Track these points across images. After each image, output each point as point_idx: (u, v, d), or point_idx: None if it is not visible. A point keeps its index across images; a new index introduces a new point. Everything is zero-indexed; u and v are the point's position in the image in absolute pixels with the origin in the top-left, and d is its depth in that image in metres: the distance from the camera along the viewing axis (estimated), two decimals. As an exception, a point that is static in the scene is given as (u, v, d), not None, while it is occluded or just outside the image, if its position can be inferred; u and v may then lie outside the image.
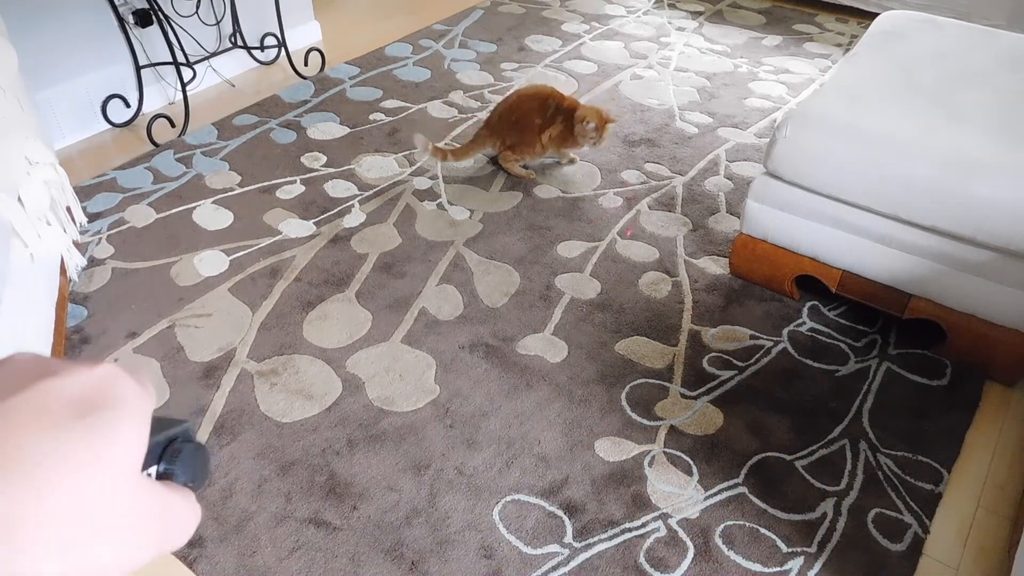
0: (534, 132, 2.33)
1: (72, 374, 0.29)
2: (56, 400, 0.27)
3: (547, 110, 2.33)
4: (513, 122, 2.33)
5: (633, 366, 1.74)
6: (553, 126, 2.33)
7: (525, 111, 2.33)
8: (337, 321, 1.85)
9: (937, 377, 1.74)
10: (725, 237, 2.15)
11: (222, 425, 1.58)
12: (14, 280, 1.44)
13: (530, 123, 2.32)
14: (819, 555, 1.37)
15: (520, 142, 2.35)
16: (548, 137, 2.34)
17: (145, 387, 0.31)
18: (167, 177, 2.37)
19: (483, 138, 2.38)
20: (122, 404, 0.29)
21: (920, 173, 1.58)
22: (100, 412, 0.28)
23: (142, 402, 0.30)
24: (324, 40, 3.33)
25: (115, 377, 0.30)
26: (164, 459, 0.32)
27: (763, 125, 2.71)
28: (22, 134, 1.67)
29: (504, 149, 2.37)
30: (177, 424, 0.34)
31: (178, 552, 1.35)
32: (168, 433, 0.33)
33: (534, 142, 2.35)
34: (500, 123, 2.35)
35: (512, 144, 2.35)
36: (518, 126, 2.33)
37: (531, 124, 2.32)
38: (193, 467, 0.33)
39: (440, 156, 2.39)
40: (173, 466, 0.32)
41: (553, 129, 2.33)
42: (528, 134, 2.33)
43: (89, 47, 2.52)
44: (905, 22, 2.15)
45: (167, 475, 0.32)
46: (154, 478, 0.32)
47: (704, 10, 3.68)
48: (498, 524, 1.40)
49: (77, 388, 0.28)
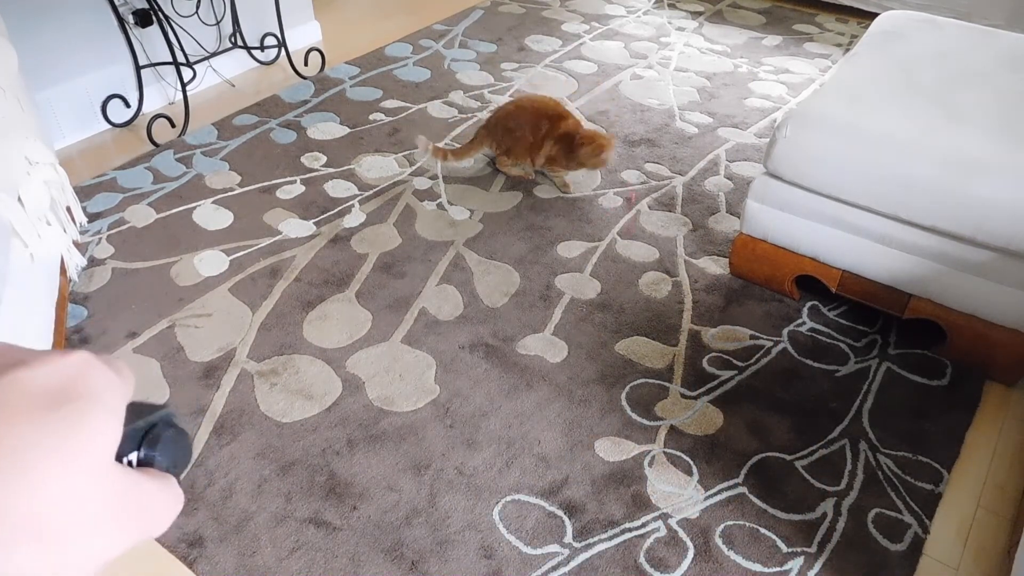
0: (526, 145, 2.30)
1: (43, 364, 0.28)
2: (27, 391, 0.27)
3: (539, 130, 2.26)
4: (509, 129, 2.31)
5: (633, 366, 1.74)
6: (543, 149, 2.27)
7: (521, 122, 2.29)
8: (337, 321, 1.85)
9: (937, 377, 1.74)
10: (725, 237, 2.15)
11: (222, 425, 1.58)
12: (14, 280, 1.44)
13: (523, 136, 2.29)
14: (819, 555, 1.37)
15: (514, 150, 2.33)
16: (541, 160, 2.30)
17: (120, 373, 0.31)
18: (167, 177, 2.37)
19: (481, 138, 2.37)
20: (95, 394, 0.28)
21: (920, 173, 1.58)
22: (73, 403, 0.27)
23: (116, 390, 0.30)
24: (324, 40, 3.33)
25: (88, 365, 0.29)
26: (144, 445, 0.32)
27: (763, 125, 2.71)
28: (22, 134, 1.67)
29: (500, 153, 2.37)
30: (157, 409, 0.34)
31: (178, 552, 1.35)
32: (148, 419, 0.33)
33: (526, 154, 2.32)
34: (497, 127, 2.33)
35: (507, 150, 2.35)
36: (513, 135, 2.31)
37: (524, 138, 2.29)
38: (174, 452, 0.33)
39: (440, 156, 2.39)
40: (153, 452, 0.32)
41: (544, 152, 2.27)
42: (521, 145, 2.31)
43: (89, 47, 2.52)
44: (905, 22, 2.15)
45: (148, 461, 0.32)
46: (134, 464, 0.32)
47: (704, 10, 3.68)
48: (498, 524, 1.40)
49: (48, 378, 0.28)
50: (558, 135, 2.25)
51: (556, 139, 2.25)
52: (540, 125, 2.27)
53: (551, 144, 2.26)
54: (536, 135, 2.28)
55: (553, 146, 2.26)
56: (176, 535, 1.37)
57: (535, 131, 2.28)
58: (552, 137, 2.26)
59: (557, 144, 2.25)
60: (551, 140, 2.26)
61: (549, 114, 2.29)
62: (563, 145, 2.24)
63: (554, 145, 2.26)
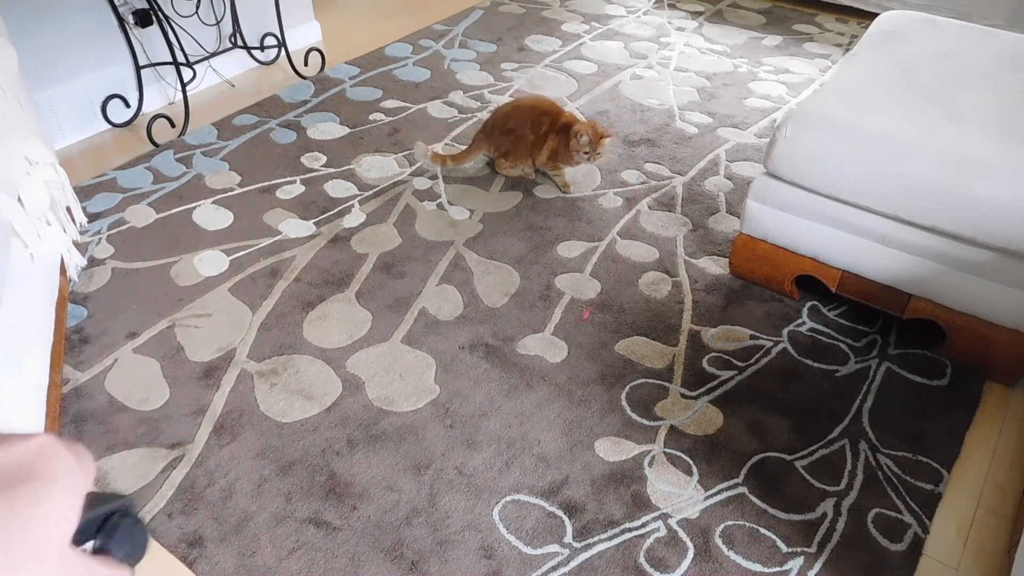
0: (527, 145, 2.31)
1: (4, 445, 0.28)
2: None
3: (541, 126, 2.28)
4: (508, 130, 2.31)
5: (633, 366, 1.74)
6: (547, 144, 2.28)
7: (520, 121, 2.30)
8: (337, 321, 1.85)
9: (937, 377, 1.73)
10: (725, 237, 2.15)
11: (222, 425, 1.58)
12: (14, 280, 1.44)
13: (523, 135, 2.30)
14: (819, 555, 1.37)
15: (513, 151, 2.33)
16: (544, 156, 2.31)
17: (82, 461, 0.31)
18: (167, 177, 2.37)
19: (479, 142, 2.37)
20: (52, 478, 0.28)
21: (920, 173, 1.58)
22: (27, 484, 0.27)
23: (75, 476, 0.29)
24: (324, 40, 3.33)
25: (49, 449, 0.29)
26: (101, 534, 0.32)
27: (763, 125, 2.71)
28: (22, 134, 1.67)
29: (498, 156, 2.37)
30: (117, 499, 0.34)
31: (178, 552, 1.35)
32: (107, 508, 0.33)
33: (526, 155, 2.32)
34: (495, 130, 2.33)
35: (505, 152, 2.35)
36: (512, 135, 2.31)
37: (524, 137, 2.30)
38: (130, 543, 0.33)
39: (440, 162, 2.39)
40: (110, 541, 0.32)
41: (547, 147, 2.29)
42: (521, 145, 2.31)
43: (89, 47, 2.52)
44: (905, 22, 2.15)
45: (103, 550, 0.32)
46: (90, 553, 0.32)
47: (704, 10, 3.68)
48: (498, 524, 1.40)
49: (6, 459, 0.28)
50: (559, 128, 2.27)
51: (557, 132, 2.27)
52: (542, 121, 2.28)
53: (554, 138, 2.27)
54: (537, 132, 2.28)
55: (555, 139, 2.27)
56: (176, 535, 1.37)
57: (536, 128, 2.28)
58: (554, 131, 2.27)
59: (558, 136, 2.26)
60: (553, 134, 2.27)
61: (549, 110, 2.31)
62: (564, 136, 2.25)
63: (556, 138, 2.27)
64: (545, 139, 2.28)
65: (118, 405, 1.62)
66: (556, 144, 2.27)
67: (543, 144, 2.29)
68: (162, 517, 1.40)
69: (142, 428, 1.58)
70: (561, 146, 2.26)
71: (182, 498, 1.44)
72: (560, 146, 2.27)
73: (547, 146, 2.29)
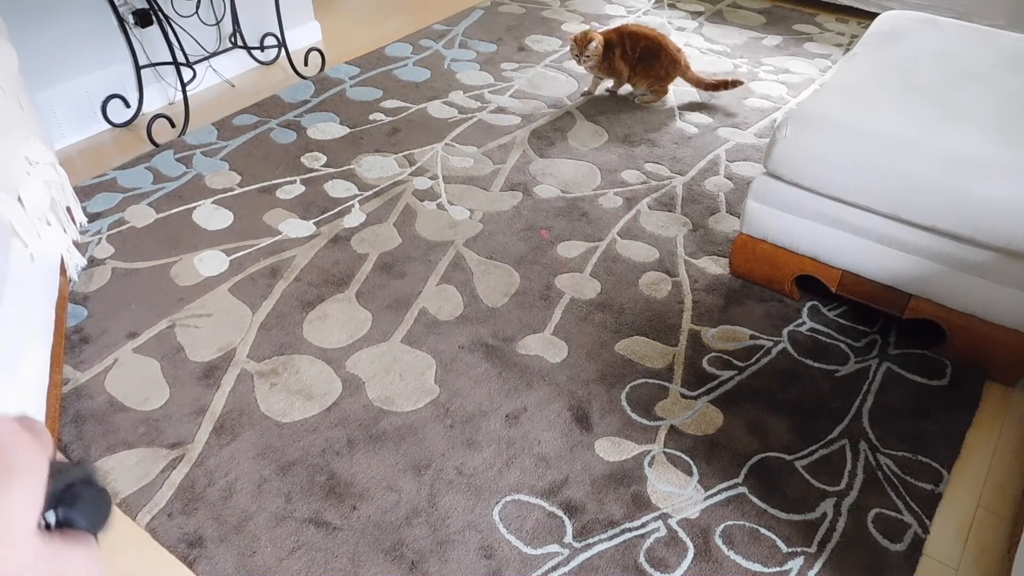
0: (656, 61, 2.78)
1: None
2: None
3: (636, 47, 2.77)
4: (640, 54, 2.76)
5: (633, 366, 1.74)
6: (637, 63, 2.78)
7: (640, 43, 2.76)
8: (337, 321, 1.85)
9: (937, 377, 1.73)
10: (725, 237, 2.15)
11: (222, 425, 1.58)
12: (14, 280, 1.44)
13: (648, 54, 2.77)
14: (819, 555, 1.37)
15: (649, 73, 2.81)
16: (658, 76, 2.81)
17: (39, 438, 0.30)
18: (167, 177, 2.37)
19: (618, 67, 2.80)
20: (11, 465, 0.28)
21: (920, 173, 1.58)
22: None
23: (35, 457, 0.29)
24: (324, 40, 3.33)
25: (8, 434, 0.29)
26: (62, 505, 0.32)
27: (763, 125, 2.71)
28: (22, 134, 1.67)
29: (655, 81, 2.81)
30: (79, 468, 0.33)
31: (178, 552, 1.35)
32: (67, 477, 0.32)
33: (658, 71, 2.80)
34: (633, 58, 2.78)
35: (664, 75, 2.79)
36: (644, 57, 2.76)
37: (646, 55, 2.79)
38: (93, 512, 0.33)
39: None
40: (72, 511, 0.32)
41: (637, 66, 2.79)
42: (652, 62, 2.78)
43: (89, 47, 2.52)
44: (905, 22, 2.15)
45: (66, 522, 0.32)
46: (53, 524, 0.31)
47: (704, 10, 3.68)
48: (498, 524, 1.40)
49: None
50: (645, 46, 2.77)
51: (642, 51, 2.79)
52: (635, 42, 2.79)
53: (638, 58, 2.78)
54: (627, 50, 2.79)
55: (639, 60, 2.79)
56: (176, 535, 1.37)
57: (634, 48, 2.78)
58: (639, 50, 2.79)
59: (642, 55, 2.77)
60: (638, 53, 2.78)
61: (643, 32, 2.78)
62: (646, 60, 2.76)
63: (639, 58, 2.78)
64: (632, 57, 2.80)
65: (118, 405, 1.62)
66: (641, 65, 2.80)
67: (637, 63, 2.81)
68: (162, 517, 1.40)
69: (142, 428, 1.58)
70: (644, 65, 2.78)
71: (182, 498, 1.44)
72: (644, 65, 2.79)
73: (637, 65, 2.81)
